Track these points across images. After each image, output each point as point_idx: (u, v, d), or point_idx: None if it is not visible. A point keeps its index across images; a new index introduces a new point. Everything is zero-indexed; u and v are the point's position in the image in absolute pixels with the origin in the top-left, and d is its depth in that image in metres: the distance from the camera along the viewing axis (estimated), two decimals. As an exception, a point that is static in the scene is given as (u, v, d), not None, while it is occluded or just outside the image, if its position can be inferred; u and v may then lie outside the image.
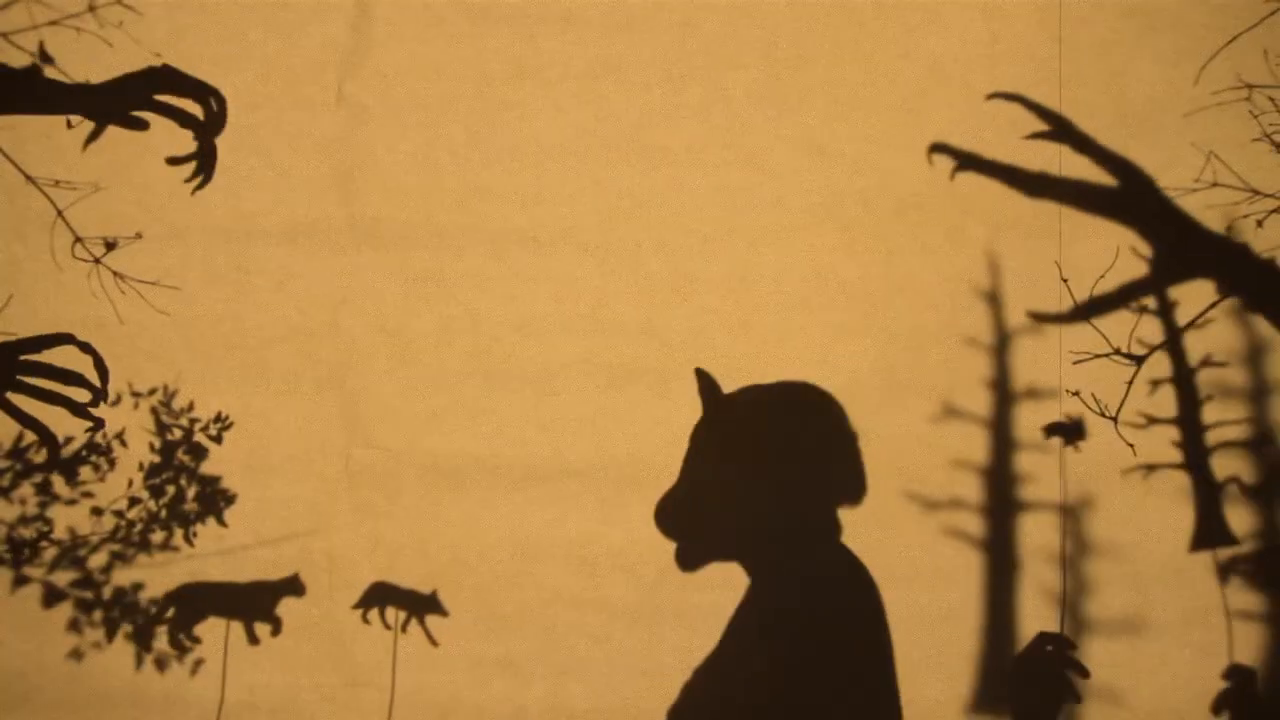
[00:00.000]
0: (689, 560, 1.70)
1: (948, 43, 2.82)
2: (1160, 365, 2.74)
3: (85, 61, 2.80)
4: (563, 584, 2.81)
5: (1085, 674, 1.53)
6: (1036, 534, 2.80)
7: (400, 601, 2.82)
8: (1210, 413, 2.74)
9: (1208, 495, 2.71)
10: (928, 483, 2.78)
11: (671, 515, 1.70)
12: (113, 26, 2.80)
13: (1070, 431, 2.69)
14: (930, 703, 2.78)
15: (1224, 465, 2.75)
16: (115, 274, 2.78)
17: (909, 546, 2.78)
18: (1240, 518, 2.74)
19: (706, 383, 1.73)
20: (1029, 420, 2.80)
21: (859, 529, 2.75)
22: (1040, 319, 1.99)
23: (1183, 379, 2.70)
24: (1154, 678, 2.75)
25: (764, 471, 1.66)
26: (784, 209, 2.83)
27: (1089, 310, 2.11)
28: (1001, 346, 2.80)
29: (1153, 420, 2.72)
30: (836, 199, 2.83)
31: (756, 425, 1.70)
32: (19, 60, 2.80)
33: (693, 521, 1.67)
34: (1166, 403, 2.77)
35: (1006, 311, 2.80)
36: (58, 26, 2.79)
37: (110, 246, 2.78)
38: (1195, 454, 2.71)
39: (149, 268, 2.79)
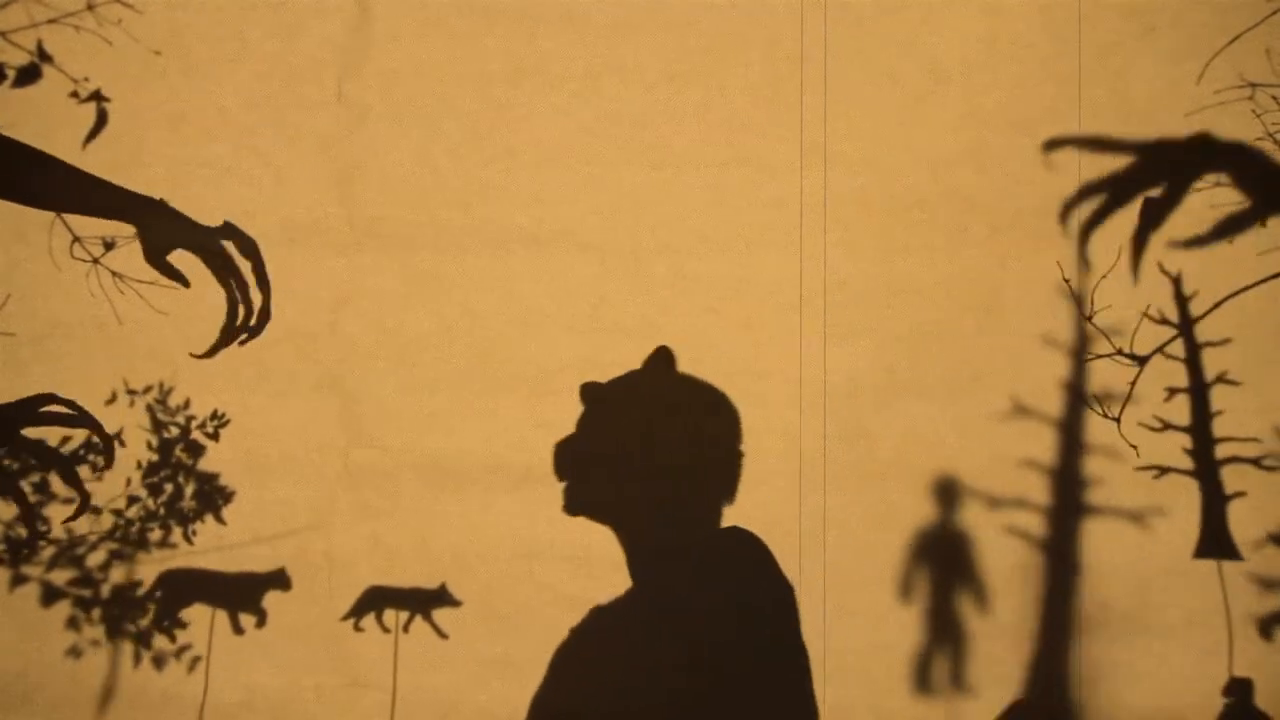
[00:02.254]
0: (571, 504, 1.77)
1: (948, 42, 2.82)
2: (1177, 375, 2.74)
3: (84, 60, 2.80)
4: (563, 584, 2.80)
5: None
6: (1037, 533, 2.79)
7: (399, 602, 2.81)
8: (1222, 425, 2.74)
9: (1214, 506, 2.71)
10: (927, 482, 2.78)
11: (568, 456, 1.77)
12: (112, 24, 2.80)
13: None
14: (931, 702, 2.77)
15: (1232, 477, 2.75)
16: (114, 273, 2.78)
17: (909, 546, 2.77)
18: (1244, 530, 2.74)
19: (664, 358, 1.80)
20: (1030, 420, 2.79)
21: (859, 529, 2.75)
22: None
23: (1197, 389, 2.70)
24: (1154, 678, 2.75)
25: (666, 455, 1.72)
26: (784, 209, 2.83)
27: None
28: (1003, 347, 2.80)
29: (1166, 425, 2.72)
30: (836, 199, 2.83)
31: (679, 411, 1.76)
32: (17, 58, 2.80)
33: (585, 470, 1.74)
34: (1179, 409, 2.77)
35: (1007, 311, 2.79)
36: (57, 25, 2.79)
37: (109, 246, 2.78)
38: (1204, 463, 2.71)
39: (147, 268, 2.79)
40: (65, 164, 2.16)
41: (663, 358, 1.87)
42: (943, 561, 2.79)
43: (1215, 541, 2.69)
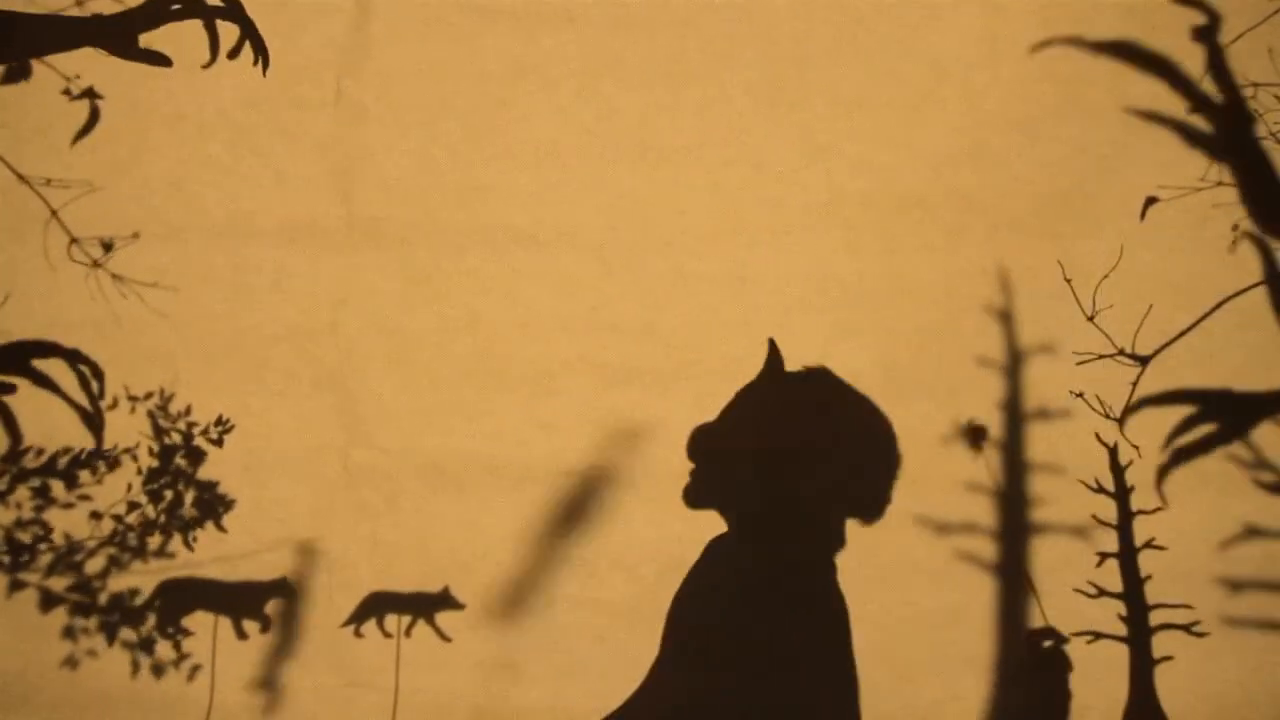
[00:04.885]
0: (693, 496, 1.76)
1: (948, 41, 2.82)
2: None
3: (77, 57, 2.80)
4: (563, 584, 2.80)
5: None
6: (1038, 532, 2.80)
7: (401, 607, 2.81)
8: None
9: (1143, 676, 2.74)
10: (927, 481, 2.78)
11: (701, 443, 1.75)
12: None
13: (977, 435, 2.73)
14: (930, 703, 2.78)
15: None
16: (113, 275, 2.77)
17: (910, 546, 2.78)
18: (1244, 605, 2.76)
19: (775, 354, 1.81)
20: (1030, 419, 2.80)
21: (859, 528, 2.76)
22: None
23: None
24: (1154, 678, 2.76)
25: (794, 456, 1.71)
26: (784, 209, 2.83)
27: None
28: (1002, 346, 2.80)
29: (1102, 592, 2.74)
30: (836, 199, 2.83)
31: (814, 411, 1.75)
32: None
33: (714, 460, 1.73)
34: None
35: (1007, 311, 2.80)
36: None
37: (108, 248, 2.78)
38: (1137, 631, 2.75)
39: (146, 268, 2.79)
40: (24, 14, 2.27)
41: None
42: (945, 560, 2.79)
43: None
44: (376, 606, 2.81)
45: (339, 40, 2.85)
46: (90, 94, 2.82)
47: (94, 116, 2.82)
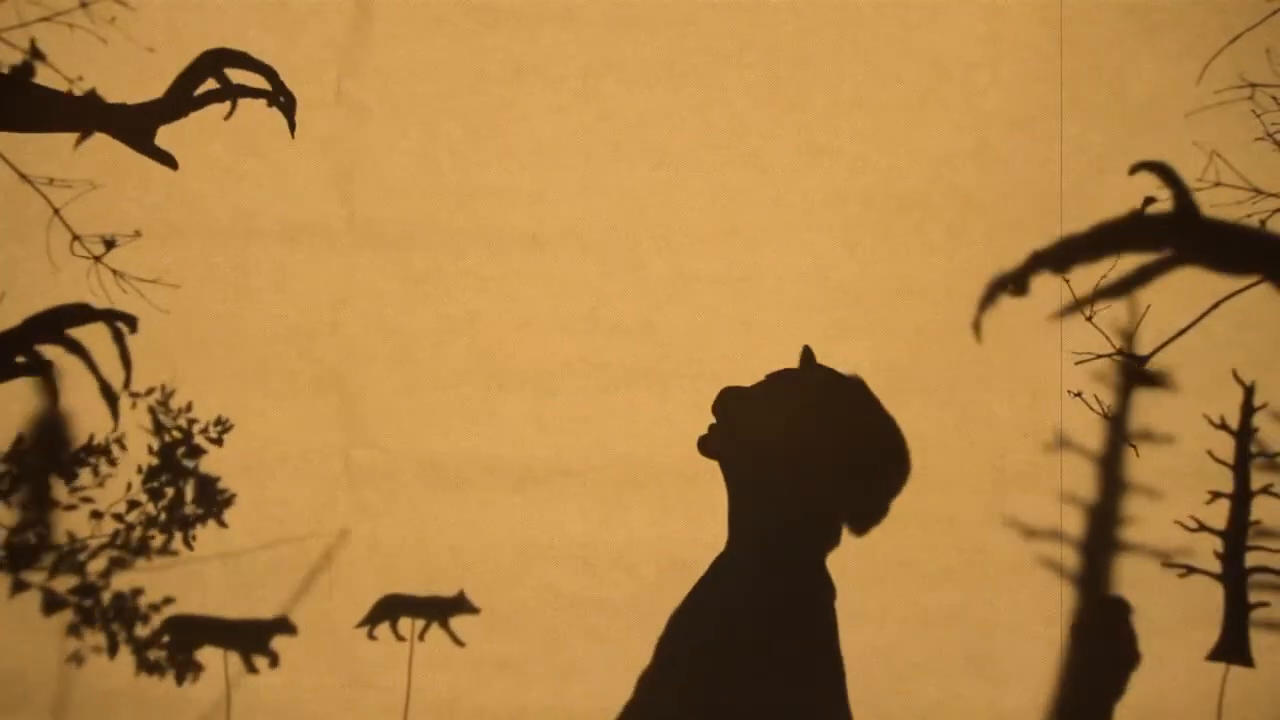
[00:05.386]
0: (710, 445, 1.76)
1: (948, 41, 2.82)
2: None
3: (79, 59, 2.80)
4: (563, 584, 2.80)
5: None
6: (1039, 533, 2.79)
7: (416, 611, 2.81)
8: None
9: (1236, 608, 2.72)
10: (928, 482, 2.77)
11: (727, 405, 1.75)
12: (106, 23, 2.80)
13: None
14: (930, 703, 2.77)
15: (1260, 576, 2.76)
16: (114, 272, 2.77)
17: (910, 546, 2.77)
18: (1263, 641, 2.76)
19: (809, 357, 1.81)
20: (1031, 420, 2.80)
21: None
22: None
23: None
24: (1154, 678, 2.75)
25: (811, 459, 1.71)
26: (784, 209, 2.83)
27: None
28: (1003, 347, 2.80)
29: (1202, 527, 2.74)
30: (836, 199, 2.83)
31: (837, 417, 1.75)
32: (9, 57, 2.80)
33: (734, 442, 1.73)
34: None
35: (1008, 311, 2.79)
36: (50, 23, 2.79)
37: (109, 245, 2.78)
38: (1233, 570, 2.74)
39: (147, 267, 2.79)
40: (39, 86, 2.32)
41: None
42: (943, 561, 2.79)
43: (1230, 646, 2.72)
44: (390, 610, 2.81)
45: (339, 40, 2.85)
46: (92, 95, 2.82)
47: None
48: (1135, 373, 2.68)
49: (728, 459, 1.77)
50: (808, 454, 1.73)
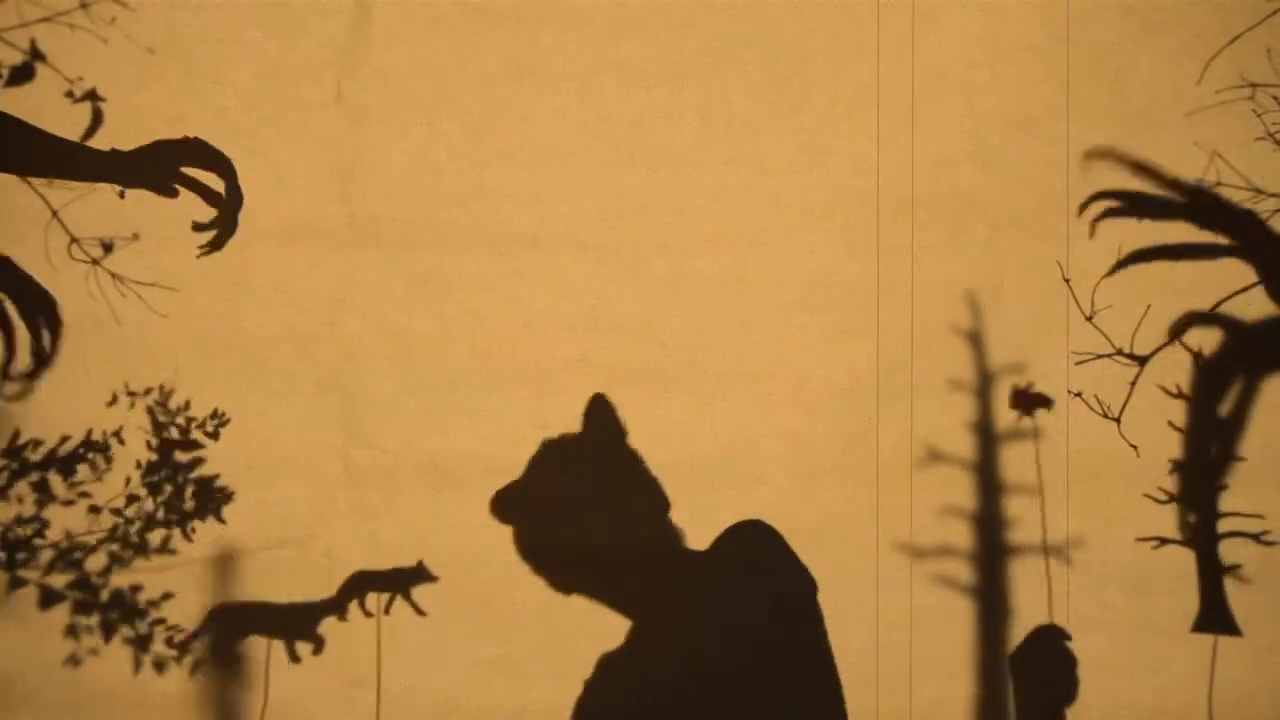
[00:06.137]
0: (524, 548, 1.84)
1: (949, 42, 2.82)
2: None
3: (79, 59, 2.80)
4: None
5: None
6: (1038, 532, 2.79)
7: (379, 584, 2.81)
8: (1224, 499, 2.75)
9: (1212, 579, 2.72)
10: (929, 482, 2.78)
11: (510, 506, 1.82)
12: (106, 23, 2.80)
13: (1031, 402, 2.72)
14: (930, 703, 2.77)
15: (1230, 549, 2.76)
16: (113, 275, 2.77)
17: (910, 546, 2.78)
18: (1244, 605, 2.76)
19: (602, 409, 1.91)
20: (1032, 420, 2.80)
21: (861, 529, 2.75)
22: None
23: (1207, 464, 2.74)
24: (1154, 678, 2.75)
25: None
26: (784, 209, 2.83)
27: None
28: (1003, 347, 2.80)
29: (1171, 498, 2.74)
30: (836, 199, 2.83)
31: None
32: (10, 58, 2.80)
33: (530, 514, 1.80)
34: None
35: (1008, 312, 2.79)
36: (50, 24, 2.79)
37: (107, 248, 2.78)
38: (1205, 537, 2.73)
39: (146, 268, 2.79)
40: (50, 135, 2.37)
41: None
42: (942, 561, 2.79)
43: (1213, 617, 2.72)
44: (359, 585, 2.81)
45: (339, 40, 2.85)
46: (92, 96, 2.82)
47: (97, 118, 2.82)
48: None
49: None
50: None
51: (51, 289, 2.76)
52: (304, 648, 2.81)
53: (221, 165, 2.51)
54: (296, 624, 2.81)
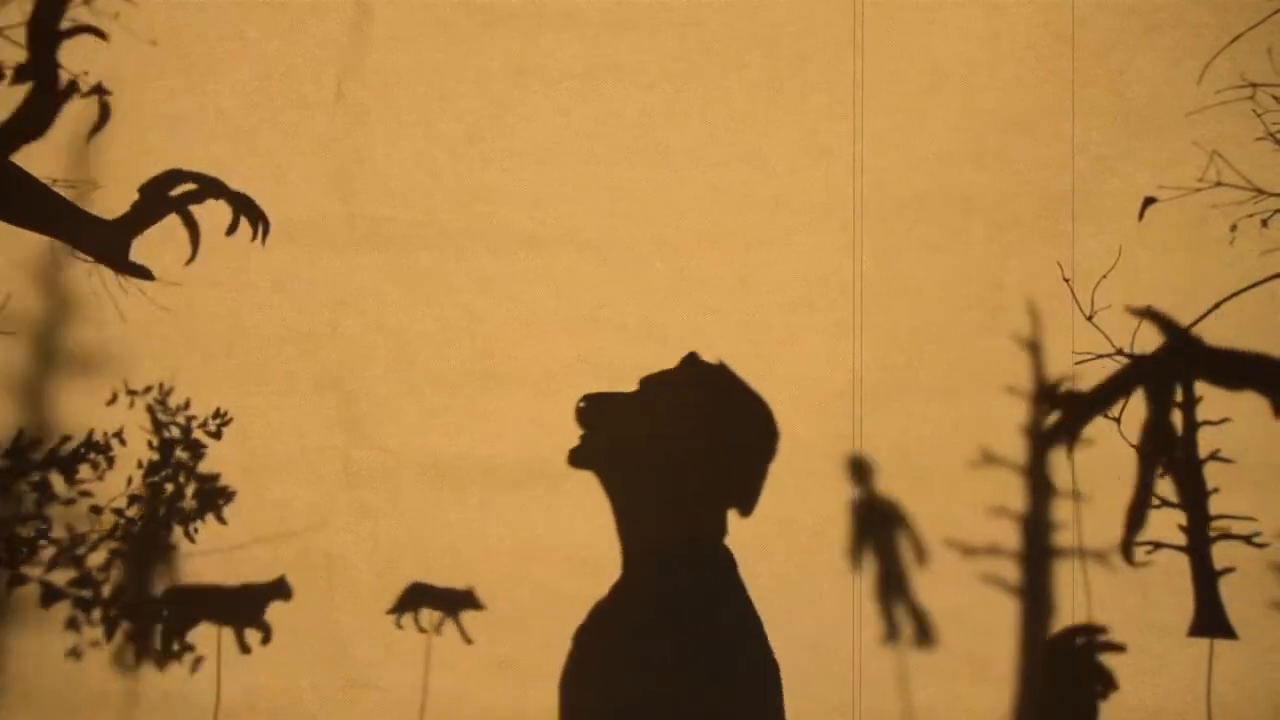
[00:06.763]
0: (579, 458, 1.77)
1: (949, 42, 2.82)
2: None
3: (81, 56, 2.81)
4: (563, 584, 2.80)
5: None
6: (1039, 532, 2.79)
7: (436, 602, 2.81)
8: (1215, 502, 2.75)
9: (1207, 582, 2.72)
10: (929, 482, 2.78)
11: (594, 413, 1.77)
12: (109, 19, 2.80)
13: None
14: (930, 703, 2.77)
15: (1222, 551, 2.76)
16: (115, 273, 2.78)
17: (909, 546, 2.77)
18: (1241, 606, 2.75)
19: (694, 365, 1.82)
20: (1031, 419, 2.79)
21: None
22: None
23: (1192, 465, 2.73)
24: (1154, 678, 2.75)
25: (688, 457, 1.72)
26: (784, 209, 2.83)
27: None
28: (1003, 347, 2.80)
29: (1164, 502, 2.74)
30: (837, 199, 2.82)
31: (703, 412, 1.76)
32: (14, 55, 2.80)
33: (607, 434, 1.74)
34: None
35: (1008, 312, 2.79)
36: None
37: (109, 246, 2.78)
38: (1198, 541, 2.73)
39: (148, 266, 2.79)
40: (36, 180, 2.41)
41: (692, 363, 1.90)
42: (943, 560, 2.79)
43: (1209, 620, 2.72)
44: (417, 598, 2.81)
45: (339, 40, 2.85)
46: (99, 90, 2.82)
47: (105, 112, 2.82)
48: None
49: (602, 469, 1.79)
50: (682, 449, 1.74)
51: (55, 288, 2.78)
52: (253, 635, 2.81)
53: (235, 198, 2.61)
54: (245, 609, 2.81)
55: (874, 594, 2.77)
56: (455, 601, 2.81)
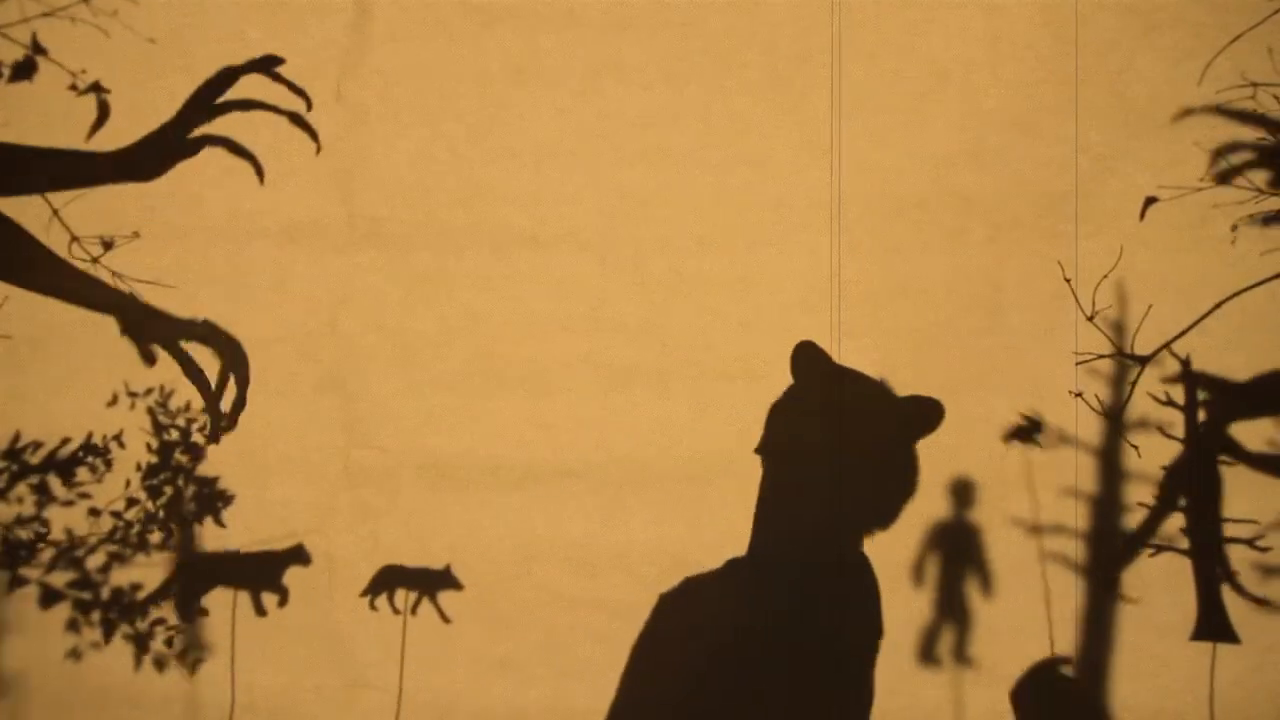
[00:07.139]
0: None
1: (949, 42, 2.82)
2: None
3: (81, 55, 2.80)
4: (563, 584, 2.80)
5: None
6: (1038, 531, 2.79)
7: (411, 582, 2.81)
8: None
9: (1209, 587, 2.72)
10: (929, 483, 2.78)
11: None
12: (108, 16, 2.80)
13: (1027, 433, 2.72)
14: (930, 703, 2.78)
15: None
16: (113, 273, 2.78)
17: (911, 547, 2.78)
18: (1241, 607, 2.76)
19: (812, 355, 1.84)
20: (1030, 420, 2.80)
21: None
22: None
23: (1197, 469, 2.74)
24: (1154, 678, 2.75)
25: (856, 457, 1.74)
26: (784, 209, 2.83)
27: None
28: (1003, 347, 2.80)
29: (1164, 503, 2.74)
30: (837, 199, 2.82)
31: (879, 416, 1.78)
32: (12, 53, 2.80)
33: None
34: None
35: (1008, 312, 2.79)
36: (51, 18, 2.79)
37: (108, 246, 2.78)
38: (1200, 546, 2.74)
39: (146, 268, 2.79)
40: (56, 256, 2.45)
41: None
42: (943, 560, 2.79)
43: (1213, 625, 2.72)
44: (390, 580, 2.81)
45: (339, 40, 2.85)
46: (97, 88, 2.82)
47: (104, 110, 2.82)
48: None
49: (777, 461, 1.79)
50: (838, 452, 1.76)
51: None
52: (270, 599, 2.82)
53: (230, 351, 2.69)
54: (262, 574, 2.81)
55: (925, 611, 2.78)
56: (432, 581, 2.81)
